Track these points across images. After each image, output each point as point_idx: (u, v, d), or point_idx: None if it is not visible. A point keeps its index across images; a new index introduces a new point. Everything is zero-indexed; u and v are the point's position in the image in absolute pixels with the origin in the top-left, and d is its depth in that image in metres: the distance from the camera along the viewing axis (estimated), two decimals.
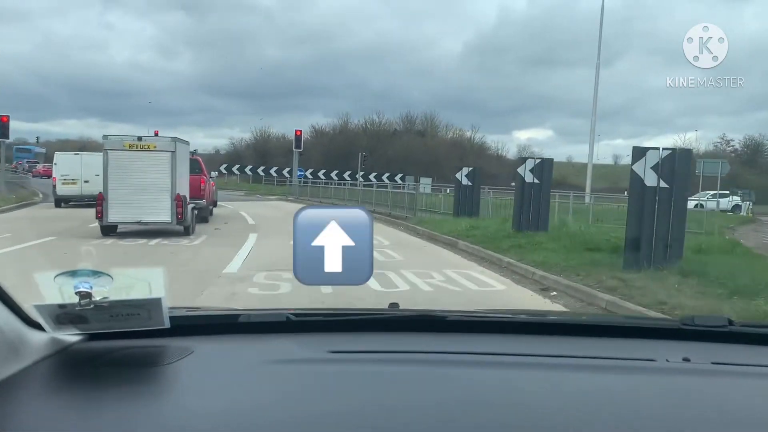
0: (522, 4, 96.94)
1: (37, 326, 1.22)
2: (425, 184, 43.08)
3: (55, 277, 1.17)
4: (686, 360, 1.43)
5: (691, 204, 14.91)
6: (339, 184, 43.36)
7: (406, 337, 1.59)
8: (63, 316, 1.18)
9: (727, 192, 38.62)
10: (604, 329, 1.74)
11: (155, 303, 1.21)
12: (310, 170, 61.86)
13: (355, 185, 31.14)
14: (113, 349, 1.30)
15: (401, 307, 1.87)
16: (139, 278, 1.23)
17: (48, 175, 45.53)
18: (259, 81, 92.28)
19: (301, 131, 35.17)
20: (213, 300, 7.40)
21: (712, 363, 1.44)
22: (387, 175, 61.43)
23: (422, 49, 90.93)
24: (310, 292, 6.42)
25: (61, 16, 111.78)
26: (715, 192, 34.16)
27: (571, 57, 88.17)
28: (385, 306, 1.92)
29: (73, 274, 1.17)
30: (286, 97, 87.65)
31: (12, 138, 68.22)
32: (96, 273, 1.19)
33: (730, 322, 1.64)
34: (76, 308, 1.17)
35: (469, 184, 19.29)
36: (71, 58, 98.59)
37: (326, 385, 1.23)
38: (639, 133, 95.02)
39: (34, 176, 53.65)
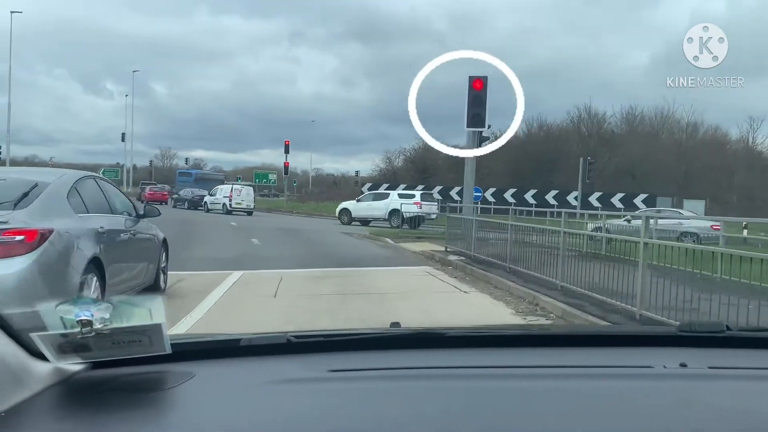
0: (719, 7, 77.02)
1: (41, 356, 1.20)
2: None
3: (57, 306, 1.18)
4: (683, 365, 1.41)
5: None
6: (547, 213, 21.84)
7: (406, 354, 1.55)
8: (65, 345, 1.17)
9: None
10: (603, 339, 1.75)
11: (156, 329, 1.19)
12: (491, 190, 40.33)
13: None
14: (116, 376, 1.29)
15: (402, 327, 1.77)
16: (139, 305, 1.24)
17: (157, 199, 43.54)
18: (432, 105, 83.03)
19: (482, 82, 13.64)
20: None
21: (709, 368, 1.43)
22: (620, 196, 37.66)
23: (602, 65, 78.16)
24: None
25: (254, 54, 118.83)
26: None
27: None
28: (388, 326, 1.80)
29: (74, 302, 1.19)
30: (458, 120, 73.23)
31: (209, 167, 71.43)
32: (97, 301, 1.20)
33: (728, 328, 1.64)
34: (78, 337, 1.16)
35: None
36: (263, 92, 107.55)
37: (326, 404, 1.22)
38: None
39: (143, 201, 43.37)
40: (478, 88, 13.52)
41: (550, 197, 39.48)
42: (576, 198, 38.35)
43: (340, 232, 22.77)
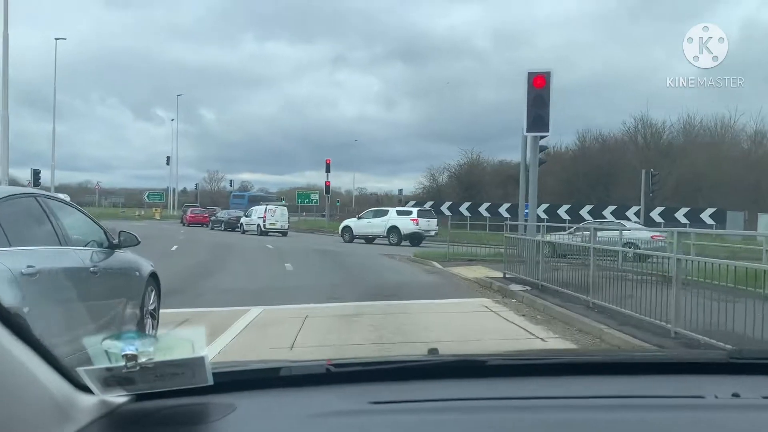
0: None
1: (86, 389, 1.22)
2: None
3: (103, 341, 1.20)
4: (736, 395, 1.35)
5: None
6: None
7: (446, 384, 1.51)
8: (110, 378, 1.19)
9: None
10: (649, 366, 1.67)
11: (199, 361, 1.21)
12: (543, 206, 37.81)
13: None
14: (160, 408, 1.29)
15: (441, 353, 1.79)
16: (182, 338, 1.26)
17: (198, 221, 44.35)
18: (474, 123, 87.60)
19: (544, 79, 11.56)
20: None
21: (764, 398, 1.36)
22: (685, 211, 34.77)
23: (649, 78, 74.16)
24: None
25: (298, 79, 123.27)
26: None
27: None
28: (425, 352, 1.80)
29: (119, 337, 1.20)
30: (502, 137, 78.13)
31: (255, 188, 73.04)
32: (141, 335, 1.22)
33: None
34: (123, 371, 1.18)
35: None
36: (308, 114, 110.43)
37: None
38: None
39: (185, 223, 46.46)
40: (539, 86, 11.45)
41: (607, 213, 36.70)
42: (636, 214, 35.58)
43: (382, 254, 20.85)
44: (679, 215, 35.43)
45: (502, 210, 40.66)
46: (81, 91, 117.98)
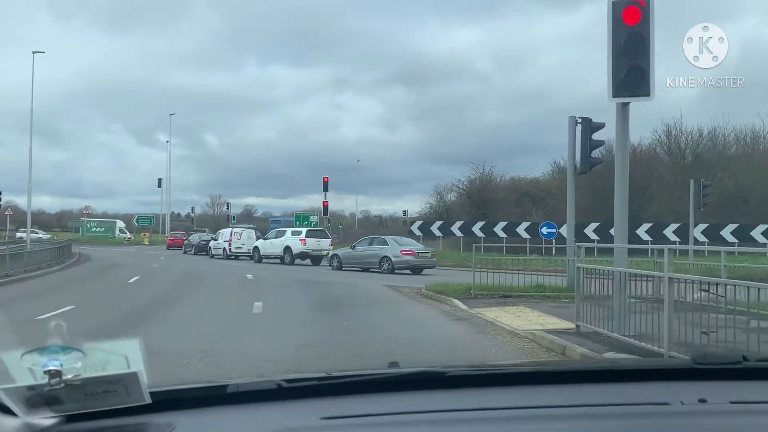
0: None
1: (9, 411, 1.10)
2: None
3: (23, 355, 1.08)
4: (702, 401, 1.32)
5: None
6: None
7: (404, 397, 1.43)
8: (34, 398, 1.08)
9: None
10: (612, 374, 1.63)
11: (132, 378, 1.11)
12: (567, 224, 33.31)
13: None
14: (92, 430, 1.18)
15: (401, 367, 1.66)
16: (114, 352, 1.14)
17: (176, 245, 46.11)
18: (478, 145, 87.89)
19: (639, 12, 7.20)
20: None
21: (731, 402, 1.34)
22: (732, 228, 30.32)
23: (667, 87, 69.00)
24: None
25: (300, 102, 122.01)
26: None
27: None
28: (386, 366, 1.65)
29: (41, 351, 1.07)
30: (507, 157, 78.69)
31: (259, 213, 77.73)
32: (66, 349, 1.08)
33: (745, 358, 1.54)
34: (46, 389, 1.06)
35: None
36: (310, 138, 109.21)
37: None
38: None
39: (168, 248, 46.96)
40: (632, 22, 7.06)
41: (641, 232, 32.16)
42: (676, 232, 31.13)
43: (383, 285, 16.42)
44: (726, 233, 30.94)
45: (520, 230, 36.29)
46: (85, 118, 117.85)
